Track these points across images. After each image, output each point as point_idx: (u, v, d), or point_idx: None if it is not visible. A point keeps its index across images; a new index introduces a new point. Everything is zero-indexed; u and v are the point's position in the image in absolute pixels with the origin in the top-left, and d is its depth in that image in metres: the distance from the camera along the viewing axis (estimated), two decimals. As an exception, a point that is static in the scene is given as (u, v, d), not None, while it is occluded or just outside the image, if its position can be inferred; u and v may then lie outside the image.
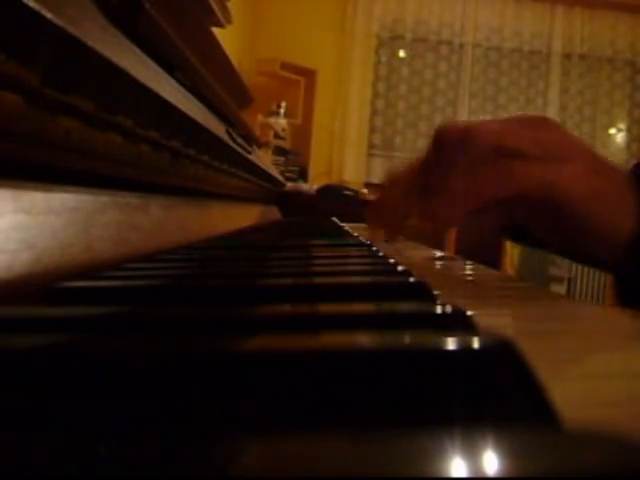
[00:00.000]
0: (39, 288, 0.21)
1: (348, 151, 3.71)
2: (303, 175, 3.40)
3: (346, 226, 0.95)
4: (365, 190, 2.76)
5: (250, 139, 0.96)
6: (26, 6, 0.20)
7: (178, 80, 0.46)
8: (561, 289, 3.11)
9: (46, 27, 0.22)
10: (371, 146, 3.78)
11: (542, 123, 0.37)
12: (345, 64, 3.72)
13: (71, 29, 0.23)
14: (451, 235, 2.89)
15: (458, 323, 0.16)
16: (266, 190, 1.12)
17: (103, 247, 0.29)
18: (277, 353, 0.12)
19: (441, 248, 0.71)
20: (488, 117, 0.39)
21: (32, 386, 0.11)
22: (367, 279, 0.28)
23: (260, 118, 3.10)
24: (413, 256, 0.57)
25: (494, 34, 3.86)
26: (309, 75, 3.57)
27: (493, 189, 0.35)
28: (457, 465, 0.07)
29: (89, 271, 0.26)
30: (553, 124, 0.37)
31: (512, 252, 3.02)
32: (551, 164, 0.35)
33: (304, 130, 3.58)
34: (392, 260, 0.35)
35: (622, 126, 3.97)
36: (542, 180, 0.35)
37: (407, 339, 0.13)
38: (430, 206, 0.38)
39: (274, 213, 1.38)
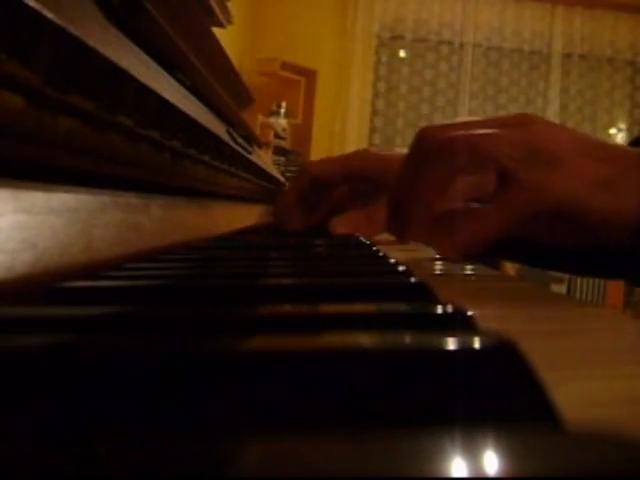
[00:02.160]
0: (39, 288, 0.21)
1: (348, 151, 3.70)
2: (303, 175, 3.39)
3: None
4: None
5: (250, 139, 0.96)
6: (27, 6, 0.20)
7: (179, 80, 0.46)
8: (561, 289, 3.11)
9: (47, 27, 0.22)
10: (371, 146, 3.78)
11: (527, 122, 0.35)
12: (345, 64, 3.72)
13: (72, 29, 0.23)
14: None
15: (459, 323, 0.16)
16: (267, 190, 1.12)
17: (103, 247, 0.29)
18: (277, 353, 0.12)
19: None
20: (477, 117, 0.38)
21: (32, 386, 0.11)
22: (367, 279, 0.28)
23: (260, 118, 3.10)
24: (413, 256, 0.57)
25: (494, 34, 3.86)
26: (309, 75, 3.57)
27: (504, 220, 0.34)
28: (457, 465, 0.07)
29: (89, 271, 0.26)
30: (538, 120, 0.36)
31: (512, 252, 3.02)
32: (549, 171, 0.34)
33: (304, 130, 3.58)
34: (393, 260, 0.35)
35: (622, 126, 3.97)
36: (548, 194, 0.33)
37: (408, 339, 0.13)
38: (442, 242, 0.37)
39: (274, 213, 1.38)
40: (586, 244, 0.37)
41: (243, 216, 0.87)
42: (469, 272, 0.43)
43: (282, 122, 3.29)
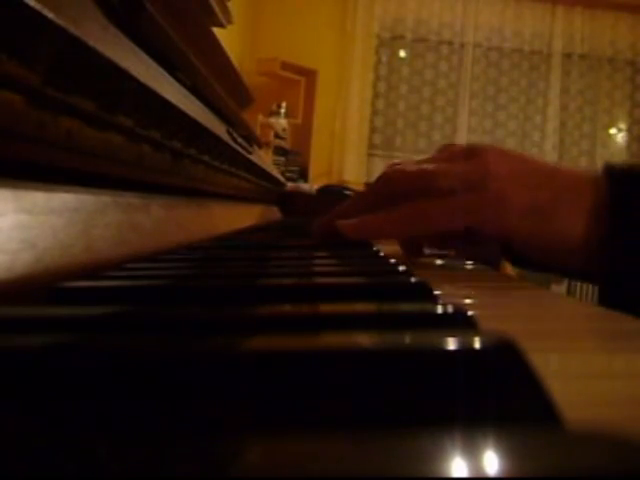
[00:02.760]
0: (40, 288, 0.21)
1: (348, 151, 3.71)
2: (303, 175, 3.40)
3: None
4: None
5: (251, 139, 0.96)
6: (27, 6, 0.20)
7: (179, 80, 0.46)
8: (561, 289, 3.10)
9: (47, 27, 0.22)
10: (371, 146, 3.78)
11: (476, 153, 0.39)
12: (345, 64, 3.72)
13: (72, 29, 0.23)
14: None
15: (459, 323, 0.16)
16: (266, 190, 1.12)
17: (104, 247, 0.29)
18: (277, 353, 0.12)
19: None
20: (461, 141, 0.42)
21: (32, 386, 0.11)
22: (368, 279, 0.28)
23: (260, 118, 3.10)
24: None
25: (494, 34, 3.86)
26: (309, 75, 3.57)
27: (422, 225, 0.39)
28: (458, 465, 0.07)
29: (90, 271, 0.26)
30: (487, 151, 0.39)
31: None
32: (474, 194, 0.37)
33: (304, 130, 3.58)
34: (393, 260, 0.35)
35: (622, 126, 3.97)
36: (470, 212, 0.37)
37: (408, 339, 0.13)
38: (369, 219, 0.41)
39: (274, 213, 1.38)
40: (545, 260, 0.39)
41: (243, 216, 0.87)
42: (469, 272, 0.43)
43: (282, 122, 3.29)
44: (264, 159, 1.18)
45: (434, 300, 0.22)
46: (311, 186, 2.41)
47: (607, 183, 0.35)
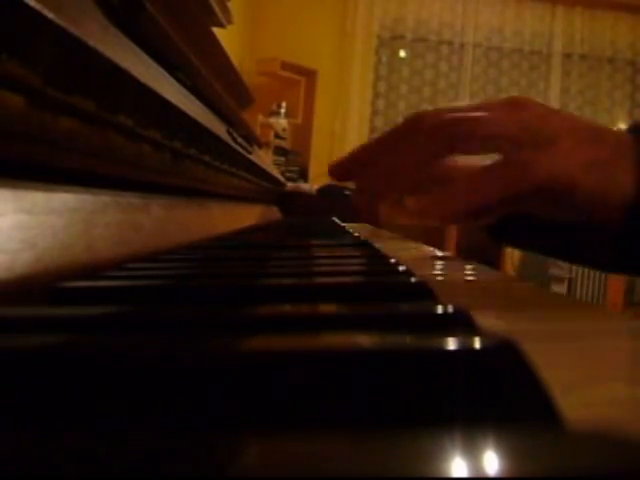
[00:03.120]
0: (40, 288, 0.21)
1: (348, 151, 3.70)
2: (303, 175, 3.40)
3: (347, 226, 0.95)
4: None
5: (251, 139, 0.96)
6: (27, 6, 0.20)
7: (179, 80, 0.46)
8: (561, 289, 3.11)
9: (47, 27, 0.22)
10: (371, 146, 3.77)
11: (521, 104, 0.36)
12: (346, 64, 3.72)
13: (72, 29, 0.23)
14: (452, 235, 2.89)
15: (459, 323, 0.16)
16: (267, 190, 1.12)
17: (104, 247, 0.29)
18: (277, 353, 0.12)
19: (441, 248, 0.71)
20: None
21: (33, 386, 0.11)
22: (368, 279, 0.28)
23: (261, 118, 3.10)
24: (413, 256, 0.57)
25: (494, 34, 3.86)
26: (309, 75, 3.57)
27: (494, 191, 0.35)
28: (458, 465, 0.07)
29: (90, 271, 0.26)
30: (527, 101, 0.36)
31: (512, 252, 3.02)
32: (541, 150, 0.34)
33: (304, 130, 3.58)
34: (393, 260, 0.35)
35: (623, 126, 3.95)
36: (539, 171, 0.34)
37: (408, 339, 0.13)
38: (428, 202, 0.36)
39: (275, 213, 1.38)
40: (581, 223, 0.37)
41: (243, 216, 0.87)
42: (470, 272, 0.43)
43: (282, 122, 3.29)
44: (264, 159, 1.18)
45: (434, 300, 0.22)
46: (311, 186, 2.40)
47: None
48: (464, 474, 0.07)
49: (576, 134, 0.35)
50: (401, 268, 0.30)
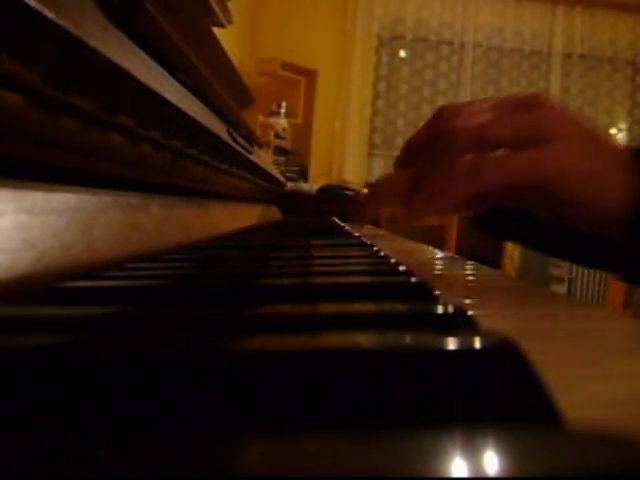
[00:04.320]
0: (40, 288, 0.21)
1: (349, 151, 3.71)
2: (304, 175, 3.40)
3: (347, 226, 0.95)
4: (366, 190, 2.76)
5: (251, 139, 0.96)
6: (27, 6, 0.20)
7: (179, 80, 0.46)
8: (561, 289, 3.11)
9: (47, 27, 0.22)
10: (372, 146, 3.78)
11: (534, 102, 0.37)
12: (346, 64, 3.72)
13: (72, 29, 0.23)
14: (452, 235, 2.89)
15: (459, 323, 0.16)
16: (267, 190, 1.12)
17: (104, 247, 0.29)
18: (277, 353, 0.12)
19: (441, 248, 0.71)
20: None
21: (33, 386, 0.11)
22: (368, 279, 0.28)
23: (261, 118, 3.10)
24: (413, 256, 0.57)
25: (495, 34, 3.86)
26: (310, 75, 3.57)
27: (493, 179, 0.36)
28: (458, 465, 0.07)
29: (90, 271, 0.26)
30: (545, 101, 0.37)
31: (512, 252, 3.02)
32: (538, 148, 0.35)
33: (305, 130, 3.58)
34: (393, 260, 0.35)
35: (623, 126, 3.97)
36: (538, 167, 0.35)
37: (408, 339, 0.13)
38: (428, 192, 0.37)
39: (275, 213, 1.38)
40: (580, 224, 0.38)
41: (243, 216, 0.87)
42: (470, 272, 0.43)
43: (282, 122, 3.29)
44: (264, 159, 1.18)
45: (434, 300, 0.22)
46: (311, 186, 2.40)
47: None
48: (464, 474, 0.07)
49: (577, 139, 0.36)
50: (401, 268, 0.30)
